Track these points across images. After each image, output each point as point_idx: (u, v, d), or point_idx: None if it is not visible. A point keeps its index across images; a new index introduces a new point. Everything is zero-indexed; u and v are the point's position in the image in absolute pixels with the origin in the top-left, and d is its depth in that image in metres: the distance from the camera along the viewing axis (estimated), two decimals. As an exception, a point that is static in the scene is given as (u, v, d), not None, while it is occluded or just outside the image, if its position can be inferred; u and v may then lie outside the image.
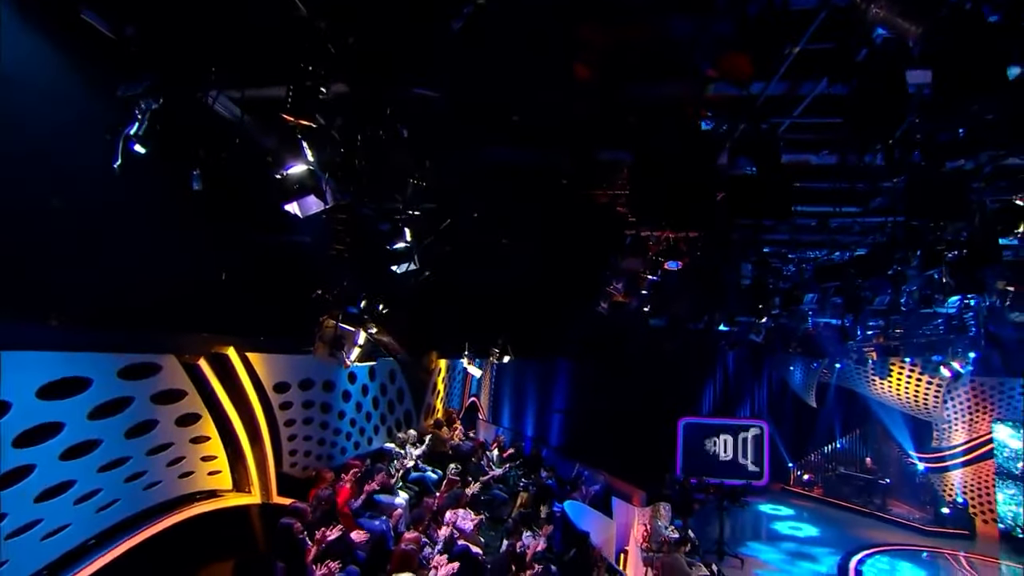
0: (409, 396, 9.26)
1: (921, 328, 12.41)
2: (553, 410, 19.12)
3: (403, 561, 4.34)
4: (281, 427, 5.70)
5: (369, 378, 7.76)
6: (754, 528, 13.94)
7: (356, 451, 7.32)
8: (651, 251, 8.27)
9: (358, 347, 4.75)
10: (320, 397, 6.41)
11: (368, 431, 7.82)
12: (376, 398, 8.07)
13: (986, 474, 14.80)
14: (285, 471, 5.80)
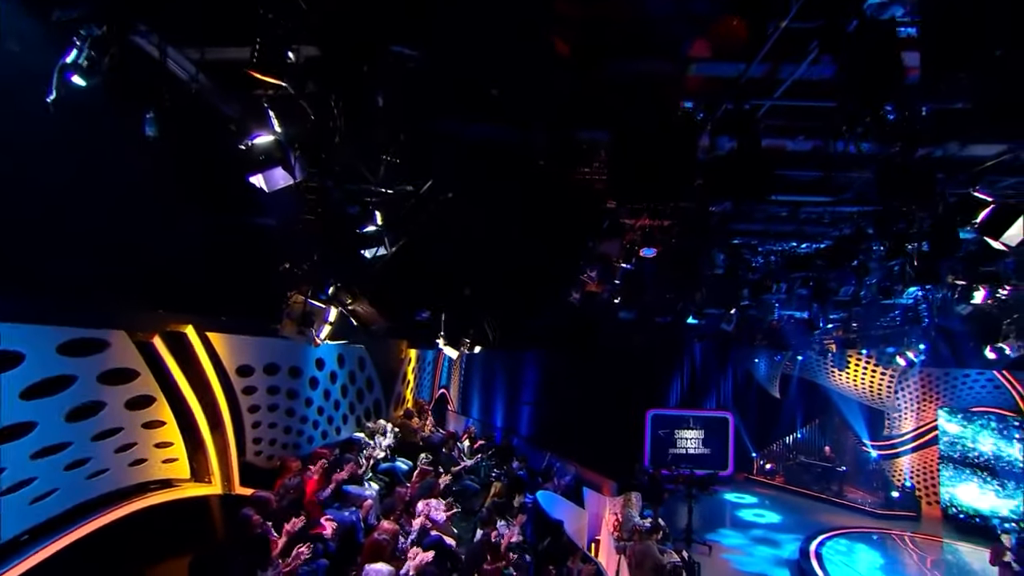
0: (379, 385, 8.97)
1: (879, 320, 12.87)
2: (523, 402, 19.09)
3: (375, 551, 4.13)
4: (244, 413, 5.35)
5: (337, 365, 7.45)
6: (720, 516, 14.21)
7: (324, 440, 7.00)
8: (627, 238, 8.25)
9: (328, 324, 4.46)
10: (286, 383, 6.07)
11: (336, 420, 7.51)
12: (345, 386, 7.76)
13: (931, 459, 15.58)
14: (249, 460, 5.45)
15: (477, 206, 5.98)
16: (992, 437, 13.93)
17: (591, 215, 5.43)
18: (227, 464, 5.05)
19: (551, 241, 5.32)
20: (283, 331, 4.18)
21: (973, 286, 9.20)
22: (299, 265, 4.19)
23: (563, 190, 5.30)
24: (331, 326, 4.48)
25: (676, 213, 8.05)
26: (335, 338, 4.68)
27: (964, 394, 15.13)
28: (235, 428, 5.19)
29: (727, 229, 8.91)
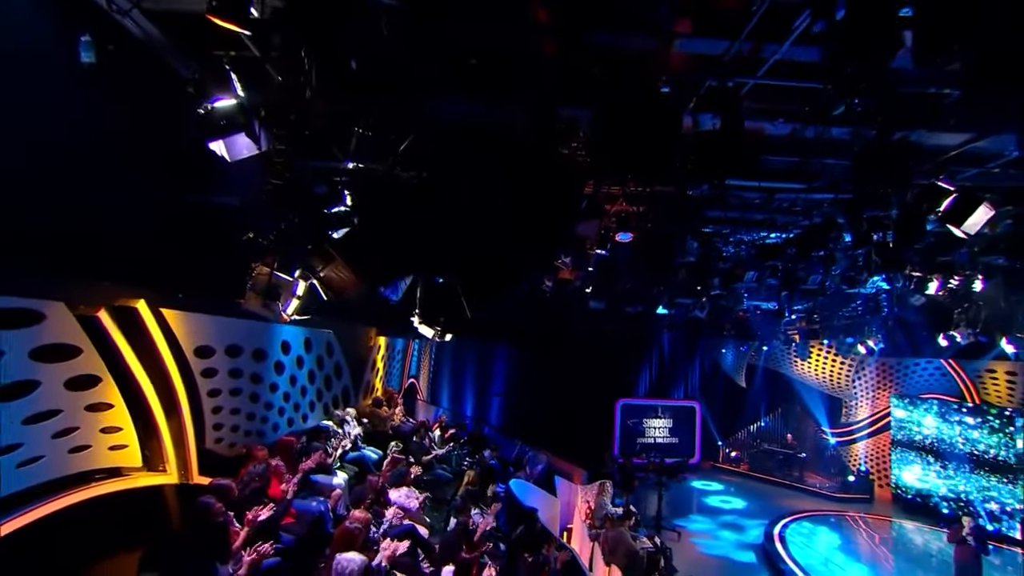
0: (347, 372, 8.65)
1: (841, 310, 13.23)
2: (493, 393, 18.96)
3: (346, 540, 3.90)
4: (204, 397, 4.97)
5: (304, 349, 7.10)
6: (688, 503, 14.45)
7: (290, 428, 6.66)
8: (603, 223, 8.16)
9: (296, 299, 4.14)
10: (250, 366, 5.70)
11: (303, 407, 7.17)
12: (312, 372, 7.42)
13: (883, 444, 16.27)
14: (209, 447, 5.07)
15: (452, 183, 5.75)
16: (935, 421, 14.63)
17: (570, 195, 5.26)
18: (184, 451, 4.68)
19: (528, 220, 5.13)
20: (247, 304, 3.85)
21: (928, 277, 9.52)
22: (264, 235, 3.87)
23: (542, 169, 5.12)
24: (299, 300, 4.17)
25: (652, 198, 8.03)
26: (306, 313, 4.36)
27: (914, 382, 15.80)
28: (193, 413, 4.81)
29: (702, 216, 8.94)
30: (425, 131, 5.44)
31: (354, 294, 4.43)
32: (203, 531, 3.19)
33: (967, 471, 13.64)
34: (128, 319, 4.15)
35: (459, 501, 6.77)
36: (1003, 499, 12.81)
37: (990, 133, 5.72)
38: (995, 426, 13.31)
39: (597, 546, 8.18)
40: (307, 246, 4.10)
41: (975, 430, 13.70)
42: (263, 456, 4.87)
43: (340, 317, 8.18)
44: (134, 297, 4.16)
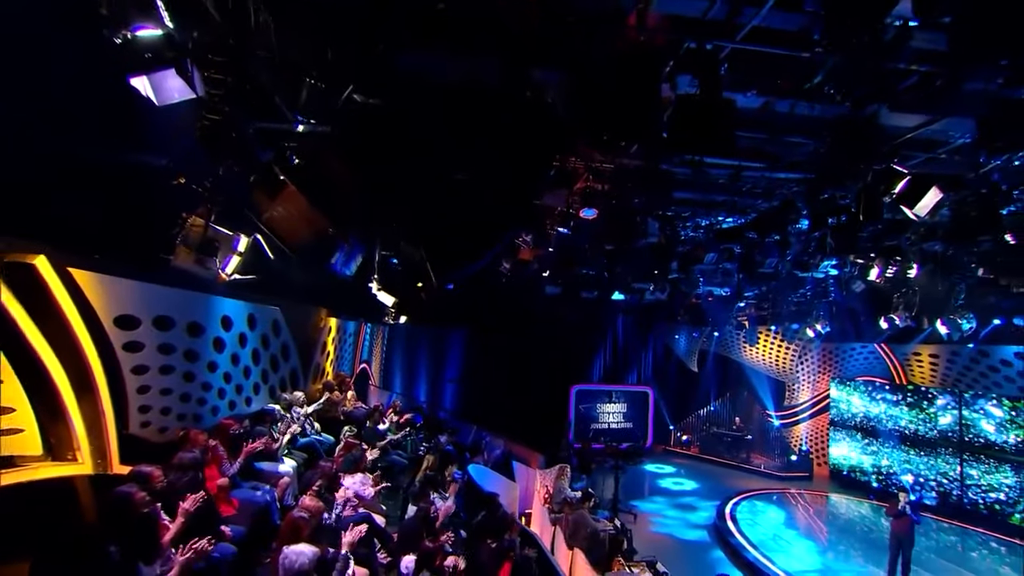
0: (295, 353, 8.03)
1: (791, 296, 13.65)
2: (447, 379, 18.59)
3: (295, 531, 3.47)
4: (127, 375, 4.30)
5: (248, 326, 6.46)
6: (642, 485, 14.65)
7: (232, 411, 6.03)
8: (571, 193, 7.91)
9: (237, 255, 3.58)
10: (184, 342, 5.05)
11: (247, 389, 6.54)
12: (256, 351, 6.78)
13: (823, 425, 17.09)
14: (134, 432, 4.42)
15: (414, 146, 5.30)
16: (868, 401, 15.49)
17: (538, 161, 4.93)
18: (101, 437, 4.01)
19: (495, 187, 4.78)
20: (177, 261, 3.27)
21: (868, 264, 9.88)
22: (199, 180, 3.29)
23: (514, 126, 4.76)
24: (241, 257, 3.62)
25: (618, 175, 7.85)
26: (249, 273, 3.78)
27: (851, 365, 16.63)
28: (113, 393, 4.14)
29: (670, 193, 8.86)
30: (388, 84, 4.97)
31: (310, 239, 3.90)
32: (121, 526, 2.67)
33: (894, 447, 14.50)
34: (22, 277, 3.42)
35: (417, 487, 6.40)
36: (923, 471, 13.70)
37: (949, 114, 5.80)
38: (919, 404, 14.18)
39: (559, 530, 8.02)
40: (251, 178, 3.51)
41: (901, 408, 14.55)
42: (202, 441, 4.30)
43: (288, 294, 7.56)
44: (30, 252, 3.44)
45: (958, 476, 13.05)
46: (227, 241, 3.55)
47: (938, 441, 13.55)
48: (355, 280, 8.36)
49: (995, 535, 11.67)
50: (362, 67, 4.76)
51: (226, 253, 3.54)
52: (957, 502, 12.83)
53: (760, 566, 9.23)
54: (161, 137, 3.01)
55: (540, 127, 4.28)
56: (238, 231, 3.59)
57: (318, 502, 3.77)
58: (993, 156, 5.40)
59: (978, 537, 11.79)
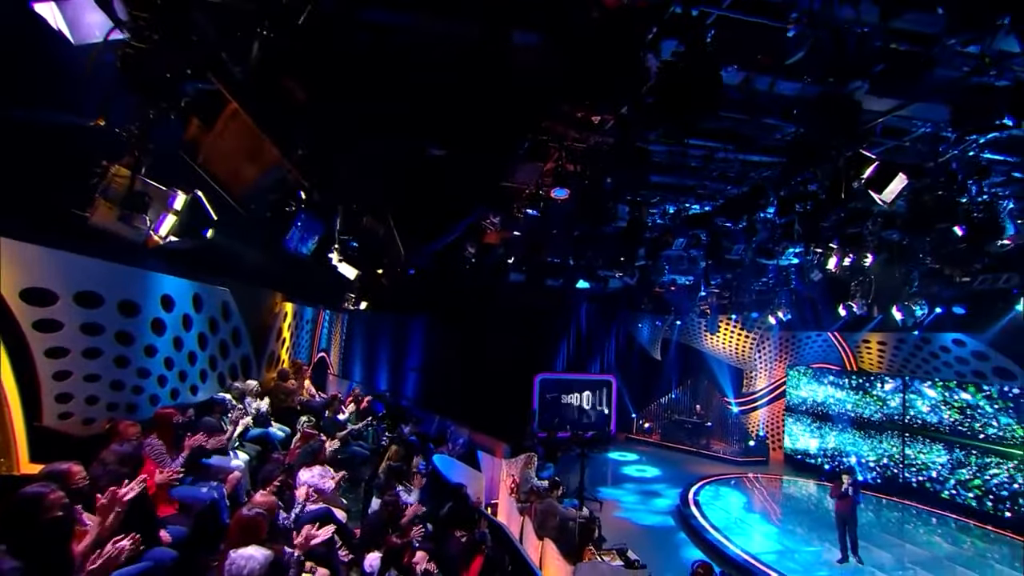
0: (247, 339, 7.47)
1: (753, 284, 13.86)
2: (409, 368, 18.12)
3: (246, 531, 3.08)
4: (39, 358, 3.71)
5: (193, 308, 5.88)
6: (606, 473, 14.67)
7: (175, 401, 5.47)
8: (543, 173, 7.63)
9: (173, 214, 3.05)
10: (115, 322, 4.46)
11: (192, 376, 5.97)
12: (203, 335, 6.20)
13: (778, 411, 17.61)
14: (49, 424, 3.84)
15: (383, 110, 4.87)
16: (821, 387, 16.05)
17: (515, 128, 4.61)
18: (5, 430, 3.44)
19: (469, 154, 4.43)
20: (95, 219, 2.73)
21: (828, 253, 10.08)
22: (124, 124, 2.76)
23: (489, 95, 4.42)
24: (177, 217, 3.09)
25: (592, 153, 7.63)
26: (188, 233, 3.25)
27: (806, 352, 17.17)
28: (20, 378, 3.55)
29: (646, 170, 8.71)
30: (346, 38, 4.52)
31: (256, 180, 3.38)
32: (25, 535, 2.20)
33: (844, 431, 15.08)
34: None
35: (381, 479, 6.03)
36: (870, 453, 14.30)
37: (920, 99, 5.82)
38: (867, 389, 14.77)
39: (527, 520, 7.81)
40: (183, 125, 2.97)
41: (851, 393, 15.13)
42: (134, 433, 3.78)
43: (239, 274, 6.99)
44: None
45: (900, 456, 13.69)
46: (161, 197, 3.01)
47: (884, 424, 14.14)
48: (313, 260, 7.86)
49: (930, 509, 12.45)
50: (323, 18, 4.30)
51: (160, 211, 3.01)
52: (899, 481, 13.47)
53: (724, 549, 9.33)
54: (74, 71, 2.50)
55: (518, 91, 3.96)
56: (175, 186, 3.07)
57: (270, 498, 3.38)
58: (966, 136, 5.42)
59: (915, 511, 12.50)
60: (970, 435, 12.39)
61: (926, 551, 9.93)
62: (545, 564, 6.76)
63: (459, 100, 4.04)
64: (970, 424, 12.45)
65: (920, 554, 9.73)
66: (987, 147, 6.85)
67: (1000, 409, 11.95)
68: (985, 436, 12.08)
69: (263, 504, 3.31)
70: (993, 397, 12.12)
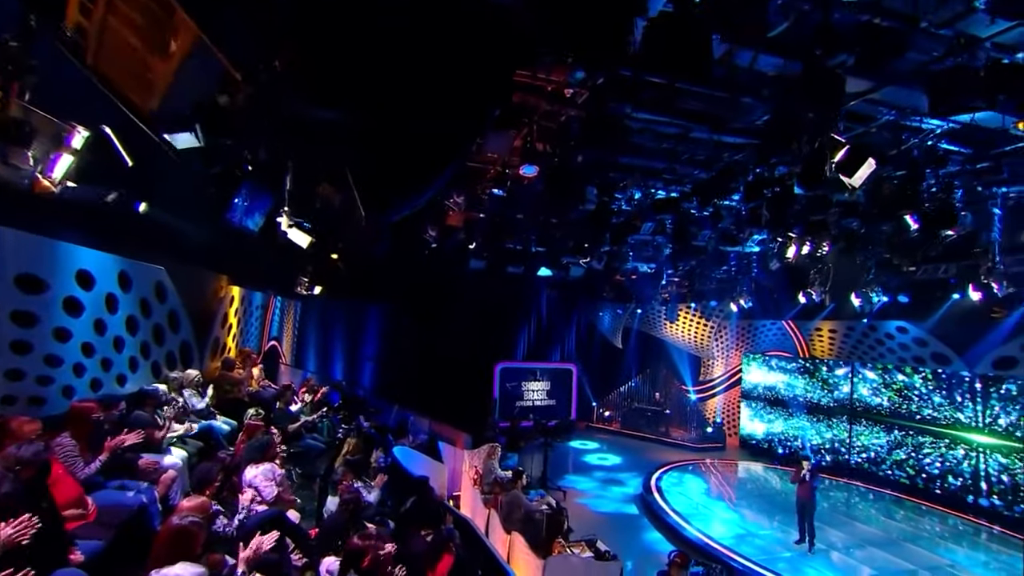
0: (188, 324, 6.75)
1: (714, 273, 13.98)
2: (365, 357, 17.46)
3: (177, 543, 2.59)
4: None
5: (120, 287, 5.16)
6: (568, 462, 14.57)
7: (96, 393, 4.77)
8: (511, 152, 7.26)
9: (70, 154, 2.41)
10: (12, 299, 3.75)
11: (119, 364, 5.25)
12: (133, 318, 5.47)
13: (735, 398, 18.01)
14: None
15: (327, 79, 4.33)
16: (774, 374, 16.50)
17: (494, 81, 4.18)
18: None
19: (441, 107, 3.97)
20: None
21: (787, 242, 10.20)
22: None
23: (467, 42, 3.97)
24: (75, 157, 2.47)
25: (565, 127, 7.30)
26: (74, 185, 2.61)
27: (762, 340, 17.60)
28: None
29: (605, 162, 8.50)
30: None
31: (183, 96, 2.81)
32: None
33: (797, 416, 15.56)
34: None
35: (339, 473, 5.55)
36: (821, 437, 14.82)
37: (899, 80, 5.78)
38: (818, 375, 15.26)
39: (493, 513, 7.50)
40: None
41: (803, 379, 15.61)
42: (30, 431, 3.14)
43: (177, 253, 6.29)
44: None
45: (847, 439, 14.25)
46: (52, 132, 2.41)
47: (834, 409, 14.65)
48: (261, 238, 7.21)
49: (875, 488, 13.12)
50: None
51: (51, 149, 2.41)
52: (848, 463, 14.03)
53: (688, 535, 9.35)
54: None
55: (498, 40, 3.56)
56: (72, 121, 2.47)
57: (203, 500, 2.89)
58: (943, 116, 5.40)
59: (859, 490, 13.08)
60: (907, 416, 13.01)
61: (874, 529, 10.29)
62: (514, 558, 6.47)
63: (434, 46, 3.59)
64: (907, 407, 13.06)
65: (869, 532, 10.07)
66: (944, 136, 6.98)
67: (934, 390, 12.57)
68: (921, 417, 12.70)
69: (196, 509, 2.82)
70: (928, 379, 12.74)
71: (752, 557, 8.40)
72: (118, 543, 2.94)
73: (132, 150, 2.87)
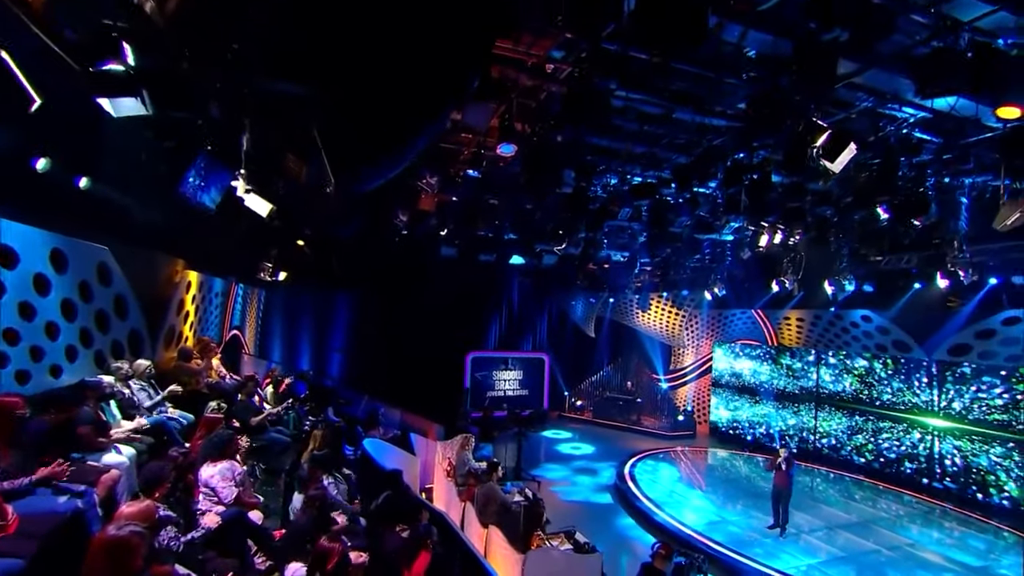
0: (137, 310, 6.20)
1: (688, 261, 14.00)
2: (333, 347, 16.91)
3: (114, 555, 2.22)
4: None
5: (53, 267, 4.60)
6: (541, 452, 14.45)
7: (22, 385, 4.23)
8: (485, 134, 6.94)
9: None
10: None
11: (53, 354, 4.70)
12: (70, 303, 4.90)
13: (705, 386, 18.23)
14: None
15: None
16: (744, 362, 16.76)
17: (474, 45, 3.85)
18: None
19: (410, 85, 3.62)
20: None
21: (760, 231, 10.25)
22: None
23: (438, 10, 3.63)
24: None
25: (545, 104, 7.03)
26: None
27: (732, 329, 17.81)
28: None
29: (584, 144, 8.29)
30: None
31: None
32: None
33: (765, 403, 15.84)
34: None
35: (305, 469, 5.19)
36: (787, 424, 15.14)
37: (879, 64, 5.71)
38: (786, 363, 15.55)
39: (469, 506, 7.25)
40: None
41: (771, 367, 15.88)
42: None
43: (124, 234, 5.74)
44: None
45: (813, 425, 14.59)
46: None
47: (800, 395, 14.94)
48: (220, 218, 6.72)
49: (836, 471, 13.55)
50: None
51: None
52: (812, 448, 14.38)
53: (664, 523, 9.34)
54: None
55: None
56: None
57: (144, 506, 2.52)
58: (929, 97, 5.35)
59: (825, 475, 13.43)
60: (868, 403, 13.40)
61: (840, 511, 10.52)
62: (491, 553, 6.23)
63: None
64: (869, 392, 13.44)
65: (835, 515, 10.28)
66: (917, 126, 7.01)
67: (892, 375, 12.94)
68: (881, 403, 13.08)
69: (138, 516, 2.44)
70: (888, 364, 13.12)
71: (727, 543, 8.42)
72: (42, 558, 2.53)
73: (47, 92, 2.43)
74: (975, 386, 11.44)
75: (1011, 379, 10.82)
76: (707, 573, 5.09)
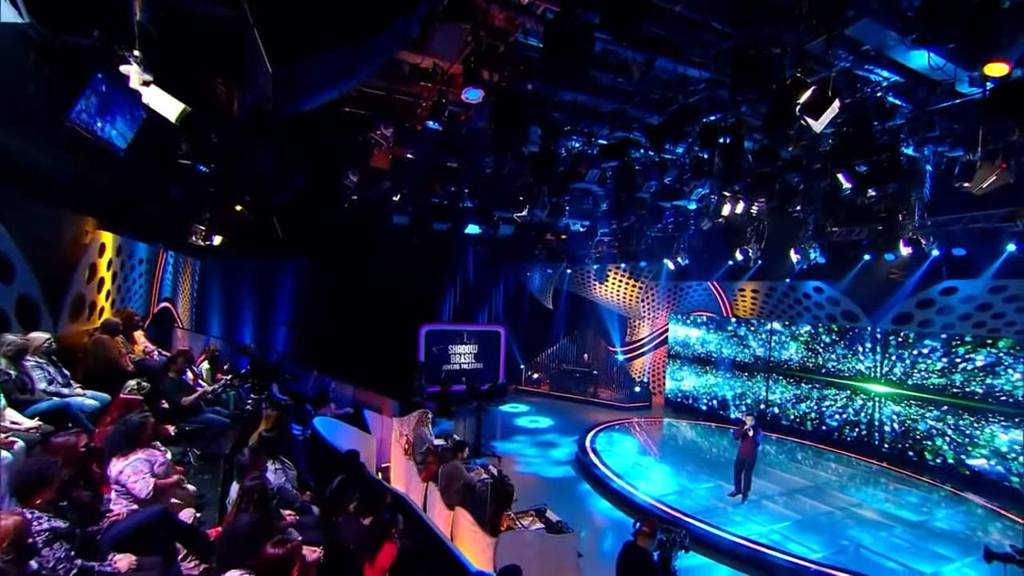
0: (29, 274, 5.17)
1: (650, 231, 13.77)
2: (278, 321, 15.80)
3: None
4: None
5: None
6: (499, 427, 14.11)
7: None
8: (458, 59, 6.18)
9: None
10: None
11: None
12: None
13: (661, 357, 18.38)
14: None
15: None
16: (698, 332, 16.97)
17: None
18: None
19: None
20: None
21: (723, 199, 10.07)
22: None
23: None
24: None
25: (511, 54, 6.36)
26: None
27: (688, 301, 17.95)
28: None
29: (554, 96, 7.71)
30: None
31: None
32: None
33: (719, 372, 16.09)
34: None
35: (246, 456, 4.49)
36: (742, 393, 15.49)
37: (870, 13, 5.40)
38: (740, 334, 15.81)
39: (432, 487, 6.75)
40: None
41: (725, 337, 16.12)
42: None
43: (9, 183, 4.71)
44: None
45: (765, 394, 14.96)
46: None
47: (754, 366, 15.24)
48: (133, 168, 5.74)
49: (787, 438, 13.94)
50: None
51: None
52: (764, 415, 14.76)
53: (628, 495, 9.21)
54: None
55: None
56: None
57: (11, 521, 1.84)
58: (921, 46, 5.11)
59: (777, 441, 13.74)
60: (815, 371, 13.80)
61: (794, 476, 10.76)
62: (458, 536, 5.78)
63: None
64: (815, 359, 13.84)
65: (790, 479, 10.50)
66: (891, 90, 6.85)
67: (836, 342, 13.33)
68: (827, 371, 13.49)
69: (5, 529, 1.76)
70: (833, 330, 13.49)
71: (693, 513, 8.36)
72: None
73: None
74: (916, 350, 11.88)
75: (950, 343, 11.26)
76: (689, 549, 4.82)
